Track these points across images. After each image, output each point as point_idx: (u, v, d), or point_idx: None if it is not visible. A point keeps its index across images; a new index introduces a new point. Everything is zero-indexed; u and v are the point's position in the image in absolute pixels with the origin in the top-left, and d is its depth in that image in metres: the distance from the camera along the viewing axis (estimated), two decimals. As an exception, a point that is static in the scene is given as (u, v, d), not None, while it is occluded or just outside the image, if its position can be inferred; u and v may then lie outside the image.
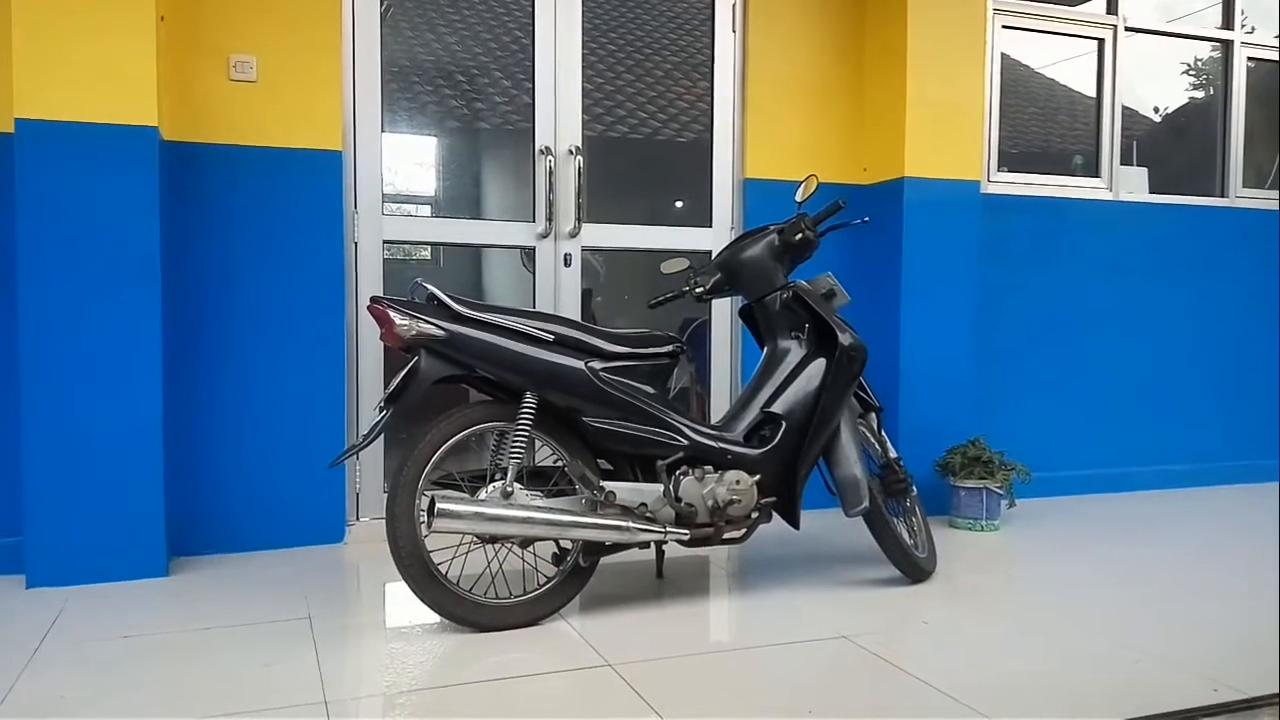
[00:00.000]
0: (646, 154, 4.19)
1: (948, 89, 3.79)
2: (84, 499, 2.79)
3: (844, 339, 2.74)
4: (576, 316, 3.60)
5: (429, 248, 4.10)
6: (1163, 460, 4.41)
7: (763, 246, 2.87)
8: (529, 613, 2.45)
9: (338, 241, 3.28)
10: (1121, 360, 4.36)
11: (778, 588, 2.83)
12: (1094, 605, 2.70)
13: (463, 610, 2.39)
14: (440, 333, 2.36)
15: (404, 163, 3.68)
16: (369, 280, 3.37)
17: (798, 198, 2.91)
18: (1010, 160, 4.32)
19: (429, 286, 2.44)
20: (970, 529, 3.58)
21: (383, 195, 3.39)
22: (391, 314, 2.35)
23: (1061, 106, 4.72)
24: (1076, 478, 4.23)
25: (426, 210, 3.92)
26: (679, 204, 4.31)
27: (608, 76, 3.98)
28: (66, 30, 2.73)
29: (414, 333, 2.35)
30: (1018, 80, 4.46)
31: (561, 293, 3.61)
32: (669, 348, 2.66)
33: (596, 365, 2.51)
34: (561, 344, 2.48)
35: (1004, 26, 4.21)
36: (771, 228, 2.90)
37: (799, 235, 2.83)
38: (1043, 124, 4.91)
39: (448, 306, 2.40)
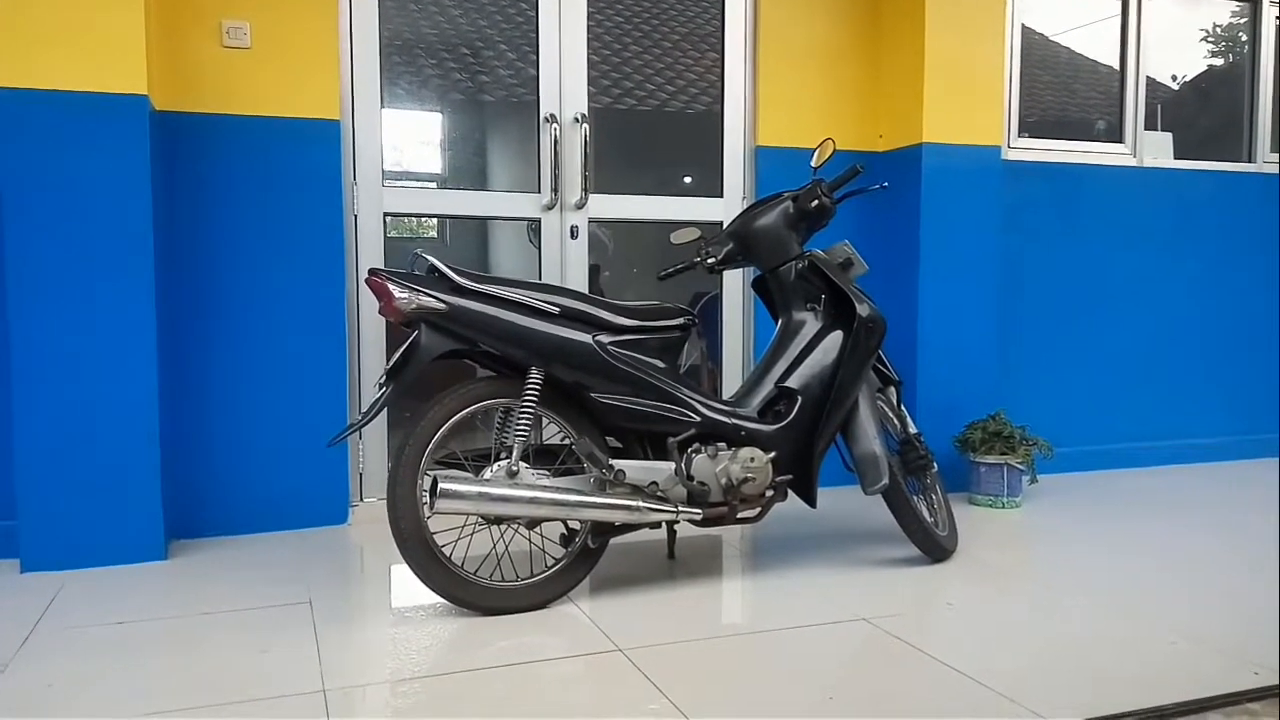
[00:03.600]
0: (655, 123, 4.05)
1: (967, 52, 3.65)
2: (79, 481, 2.71)
3: (862, 310, 2.63)
4: (584, 290, 3.50)
5: (435, 224, 3.99)
6: (1190, 434, 4.29)
7: (777, 215, 2.75)
8: (536, 595, 2.36)
9: (337, 214, 3.18)
10: (1147, 331, 4.23)
11: (794, 568, 2.74)
12: (1121, 584, 2.60)
13: (467, 593, 2.31)
14: (441, 306, 2.26)
15: (405, 134, 3.56)
16: (370, 253, 3.26)
17: (813, 163, 2.79)
18: (1030, 128, 4.18)
19: (429, 258, 2.34)
20: (991, 506, 3.47)
21: (383, 167, 3.29)
22: (390, 287, 2.25)
23: (1082, 74, 4.56)
24: (1101, 452, 4.11)
25: (428, 183, 3.81)
26: (687, 179, 4.18)
27: (615, 48, 3.84)
28: (50, -6, 2.63)
29: (414, 306, 2.25)
30: (1037, 47, 4.31)
31: (568, 266, 3.51)
32: (680, 320, 2.56)
33: (604, 339, 2.41)
34: (567, 317, 2.38)
35: (1025, -13, 4.06)
36: (786, 195, 2.79)
37: (815, 202, 2.71)
38: (1063, 91, 4.75)
39: (449, 279, 2.30)
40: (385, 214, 3.30)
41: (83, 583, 2.58)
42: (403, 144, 3.55)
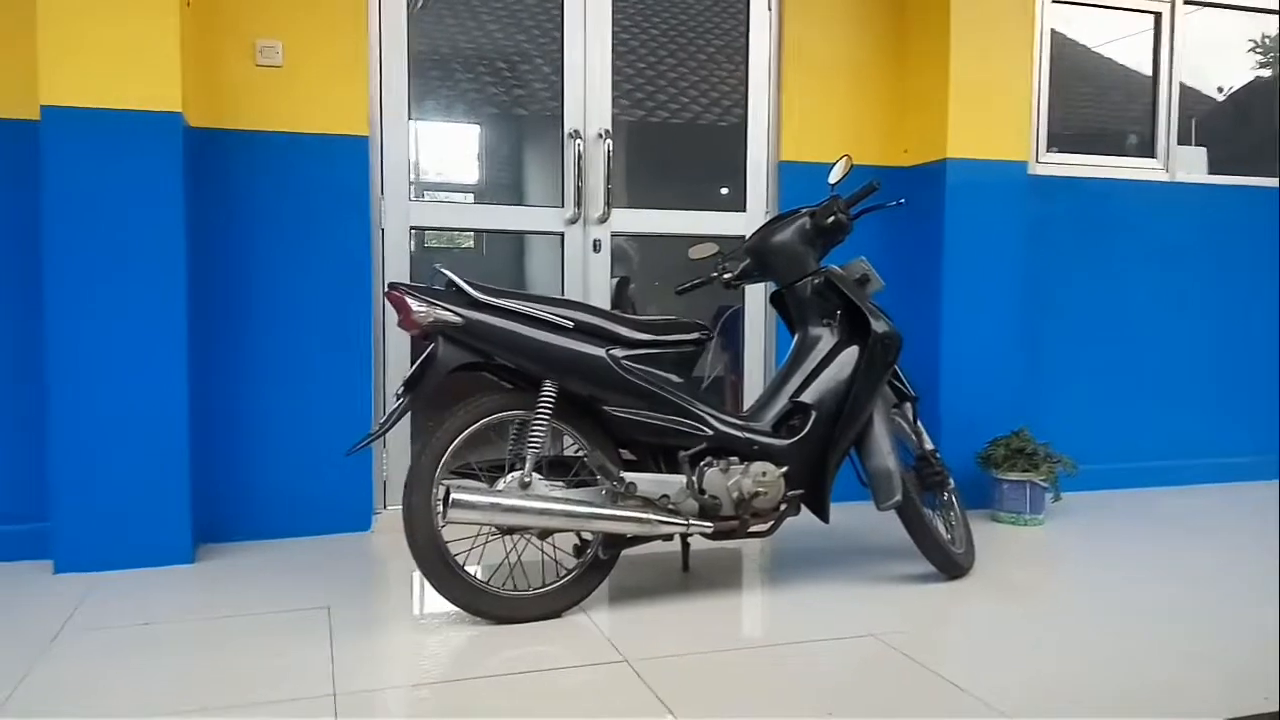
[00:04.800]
0: (679, 138, 4.09)
1: (993, 66, 3.64)
2: (110, 486, 2.79)
3: (877, 326, 2.64)
4: (606, 304, 3.54)
5: (472, 236, 4.05)
6: (1219, 453, 4.20)
7: (794, 230, 2.77)
8: (548, 605, 2.40)
9: (365, 227, 3.25)
10: (1176, 348, 4.17)
11: (807, 583, 2.74)
12: (1140, 605, 2.57)
13: (480, 602, 2.35)
14: (457, 319, 2.31)
15: (432, 148, 3.62)
16: (396, 266, 3.33)
17: (831, 179, 2.81)
18: (1064, 141, 4.15)
19: (448, 272, 2.39)
20: (1013, 523, 3.45)
21: (410, 181, 3.35)
22: (409, 300, 2.30)
23: (1118, 85, 4.52)
24: (1128, 470, 4.05)
25: (454, 196, 3.87)
26: (724, 190, 4.18)
27: (643, 62, 3.88)
28: (90, 15, 2.72)
29: (431, 319, 2.30)
30: (1071, 58, 4.27)
31: (591, 279, 3.55)
32: (695, 335, 2.58)
33: (619, 353, 2.44)
34: (582, 331, 2.41)
35: (1054, 1, 4.03)
36: (803, 211, 2.80)
37: (831, 218, 2.72)
38: (1099, 104, 4.70)
39: (465, 293, 2.35)
40: (411, 227, 3.37)
41: (112, 584, 2.66)
42: (430, 158, 3.61)
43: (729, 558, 3.02)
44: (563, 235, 3.52)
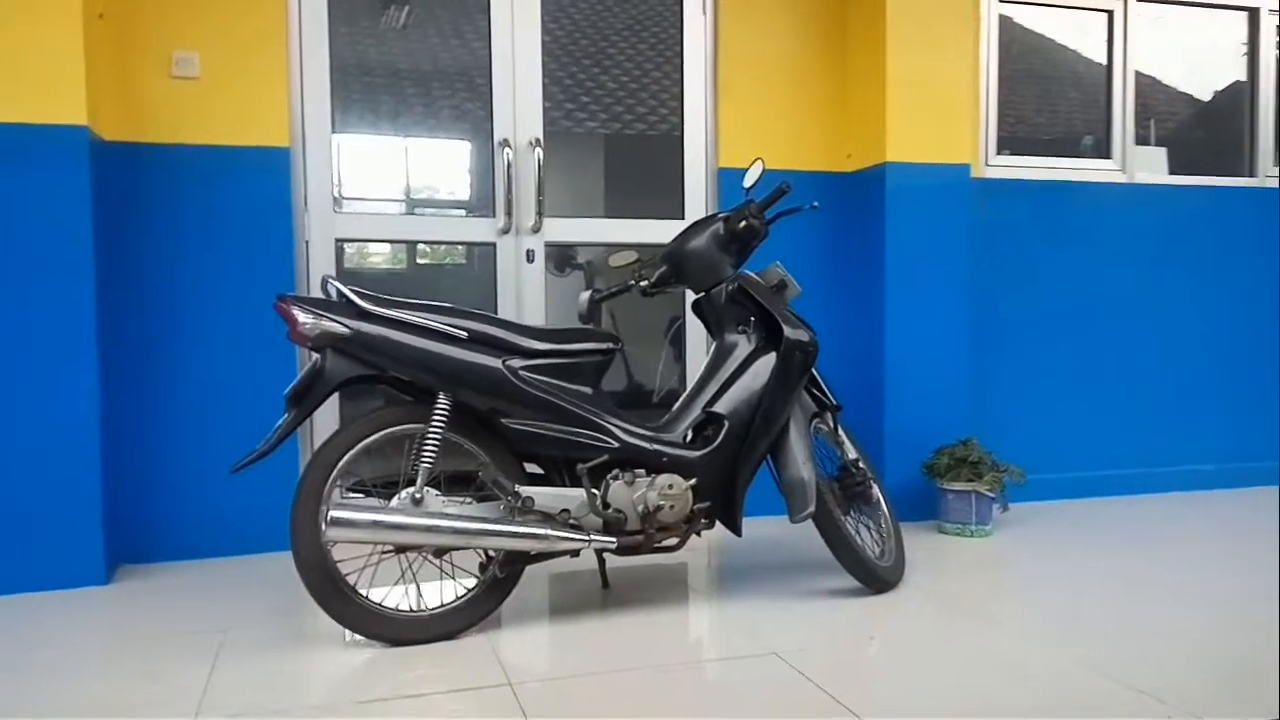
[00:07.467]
0: (617, 146, 4.01)
1: (934, 67, 3.56)
2: (17, 504, 2.74)
3: (789, 333, 2.56)
4: (540, 314, 3.47)
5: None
6: (1178, 461, 4.09)
7: (707, 236, 2.70)
8: (443, 626, 2.31)
9: (287, 240, 3.20)
10: (1133, 354, 4.06)
11: (731, 598, 2.66)
12: (1072, 618, 2.47)
13: (371, 624, 2.27)
14: (345, 330, 2.25)
15: (358, 159, 3.57)
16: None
17: (745, 184, 2.74)
18: (1019, 144, 4.05)
19: (336, 283, 2.33)
20: (958, 534, 3.35)
21: (334, 193, 3.30)
22: (295, 311, 2.25)
23: (1080, 82, 4.42)
24: (1084, 480, 3.94)
25: (384, 208, 3.80)
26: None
27: (571, 74, 3.80)
28: (-9, 30, 2.69)
29: (318, 331, 2.24)
30: (1030, 56, 4.17)
31: (525, 289, 3.48)
32: (604, 345, 2.51)
33: (516, 364, 2.37)
34: (477, 341, 2.34)
35: (1001, 0, 3.96)
36: (718, 216, 2.74)
37: (743, 223, 2.65)
38: (1058, 104, 4.60)
39: (354, 304, 2.28)
40: (337, 239, 3.31)
41: (13, 608, 2.60)
42: (355, 169, 3.55)
43: (653, 574, 2.93)
44: (495, 246, 3.46)
